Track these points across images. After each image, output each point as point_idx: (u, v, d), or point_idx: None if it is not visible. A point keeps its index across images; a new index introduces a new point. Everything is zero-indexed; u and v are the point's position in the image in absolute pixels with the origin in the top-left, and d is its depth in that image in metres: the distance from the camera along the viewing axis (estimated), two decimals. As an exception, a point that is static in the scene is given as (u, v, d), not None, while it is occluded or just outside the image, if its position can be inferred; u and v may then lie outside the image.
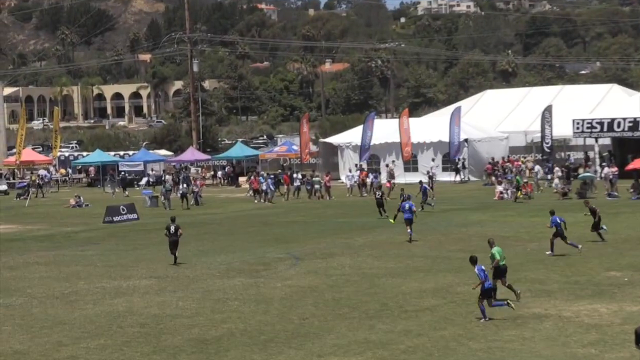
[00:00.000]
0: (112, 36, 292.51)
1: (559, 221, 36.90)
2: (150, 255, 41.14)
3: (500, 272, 28.59)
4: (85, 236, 50.99)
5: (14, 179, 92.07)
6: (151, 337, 26.14)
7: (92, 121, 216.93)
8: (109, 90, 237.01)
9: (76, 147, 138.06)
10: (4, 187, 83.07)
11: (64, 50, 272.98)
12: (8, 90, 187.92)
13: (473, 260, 26.94)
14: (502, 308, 26.52)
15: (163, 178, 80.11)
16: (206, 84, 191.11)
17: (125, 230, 52.53)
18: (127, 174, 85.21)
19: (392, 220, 47.86)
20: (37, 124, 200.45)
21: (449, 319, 26.93)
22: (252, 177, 71.50)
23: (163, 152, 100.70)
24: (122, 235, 50.42)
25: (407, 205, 43.58)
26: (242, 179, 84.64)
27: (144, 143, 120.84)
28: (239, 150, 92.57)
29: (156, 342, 25.48)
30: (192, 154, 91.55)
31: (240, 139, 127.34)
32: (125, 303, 30.97)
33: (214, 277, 35.44)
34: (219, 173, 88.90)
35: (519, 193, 60.92)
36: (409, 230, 42.85)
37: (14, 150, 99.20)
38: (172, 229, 39.01)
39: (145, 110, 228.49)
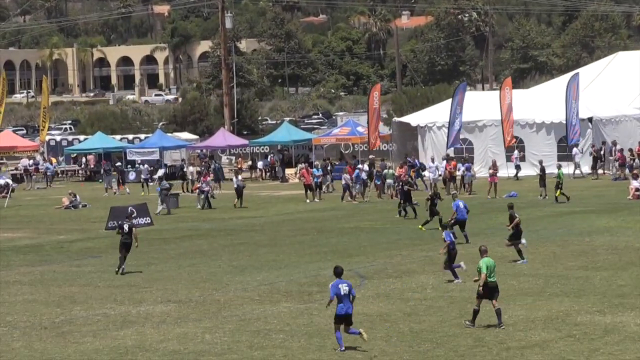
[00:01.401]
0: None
1: (453, 239, 38.64)
2: (169, 273, 41.40)
3: (489, 290, 30.21)
4: (82, 247, 51.42)
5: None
6: (169, 380, 26.43)
7: (91, 94, 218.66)
8: (113, 53, 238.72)
9: (71, 128, 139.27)
10: (7, 180, 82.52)
11: (55, 1, 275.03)
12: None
13: (336, 273, 28.86)
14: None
15: (185, 170, 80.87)
16: (242, 45, 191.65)
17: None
18: (122, 165, 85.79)
19: (421, 227, 51.52)
20: (19, 97, 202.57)
21: (565, 358, 26.85)
22: (304, 169, 71.68)
23: (185, 135, 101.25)
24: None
25: (461, 204, 45.74)
26: (290, 171, 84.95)
27: (160, 124, 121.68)
28: (286, 132, 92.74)
29: (175, 388, 25.75)
30: (223, 137, 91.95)
31: (288, 118, 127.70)
32: (135, 335, 31.25)
33: (252, 302, 35.61)
34: (259, 163, 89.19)
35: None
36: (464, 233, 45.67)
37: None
38: (126, 227, 40.45)
39: (161, 79, 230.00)
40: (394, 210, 61.20)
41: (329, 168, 75.26)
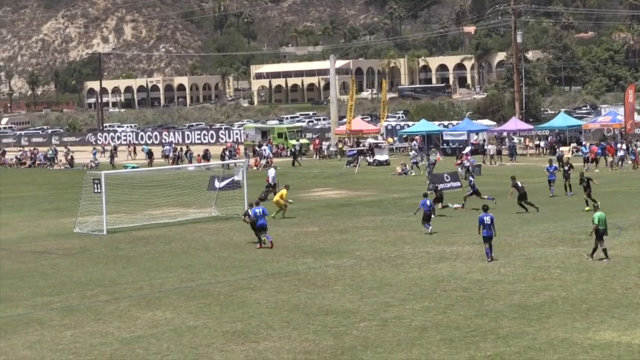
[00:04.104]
0: (438, 9, 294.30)
1: (428, 204, 39.34)
2: (473, 223, 41.19)
3: (598, 234, 31.29)
4: (410, 203, 51.60)
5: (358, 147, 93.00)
6: (474, 301, 26.32)
7: (413, 92, 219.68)
8: (434, 62, 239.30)
9: (402, 117, 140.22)
10: (385, 157, 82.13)
11: (392, 24, 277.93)
12: (339, 63, 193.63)
13: (483, 209, 34.66)
14: None
15: (485, 147, 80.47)
16: (529, 55, 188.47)
17: (448, 198, 52.77)
18: (446, 143, 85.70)
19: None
20: (366, 94, 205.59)
21: None
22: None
23: (486, 121, 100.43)
24: (447, 202, 50.78)
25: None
26: (564, 149, 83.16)
27: (468, 113, 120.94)
28: (562, 120, 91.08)
29: (479, 306, 25.64)
30: (514, 124, 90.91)
31: (563, 109, 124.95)
32: (449, 268, 31.32)
33: (535, 245, 35.14)
34: (542, 143, 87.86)
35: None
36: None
37: (345, 120, 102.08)
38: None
39: (469, 81, 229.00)
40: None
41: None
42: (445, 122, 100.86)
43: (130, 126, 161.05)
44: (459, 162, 67.73)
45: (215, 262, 34.39)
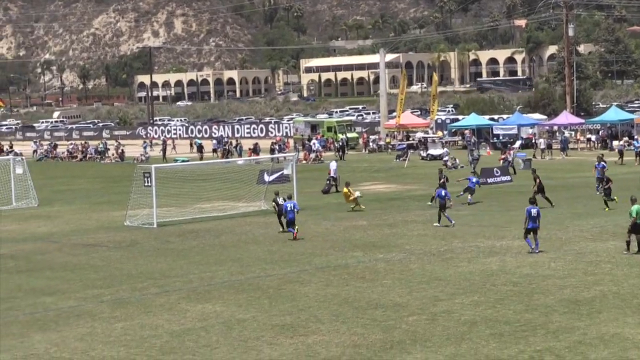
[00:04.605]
0: (488, 3, 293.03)
1: (443, 194, 40.07)
2: (522, 217, 40.99)
3: (636, 227, 31.09)
4: (461, 198, 51.47)
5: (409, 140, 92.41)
6: (523, 295, 26.20)
7: (467, 86, 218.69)
8: (484, 55, 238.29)
9: (452, 110, 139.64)
10: (439, 151, 79.71)
11: (442, 17, 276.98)
12: (389, 57, 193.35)
13: (530, 202, 34.17)
14: None
15: (534, 141, 79.99)
16: (581, 48, 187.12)
17: (499, 192, 52.67)
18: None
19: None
20: (415, 88, 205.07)
21: None
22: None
23: (537, 115, 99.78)
24: (495, 196, 50.60)
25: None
26: (615, 143, 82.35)
27: (518, 107, 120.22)
28: (614, 114, 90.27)
29: (528, 301, 25.52)
30: (565, 117, 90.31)
31: (615, 103, 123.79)
32: (499, 262, 31.19)
33: (586, 240, 34.89)
34: (592, 137, 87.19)
35: None
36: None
37: (394, 114, 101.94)
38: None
39: (519, 74, 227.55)
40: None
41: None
42: (496, 116, 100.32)
43: (180, 120, 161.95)
44: (503, 156, 67.40)
45: (265, 256, 34.54)
